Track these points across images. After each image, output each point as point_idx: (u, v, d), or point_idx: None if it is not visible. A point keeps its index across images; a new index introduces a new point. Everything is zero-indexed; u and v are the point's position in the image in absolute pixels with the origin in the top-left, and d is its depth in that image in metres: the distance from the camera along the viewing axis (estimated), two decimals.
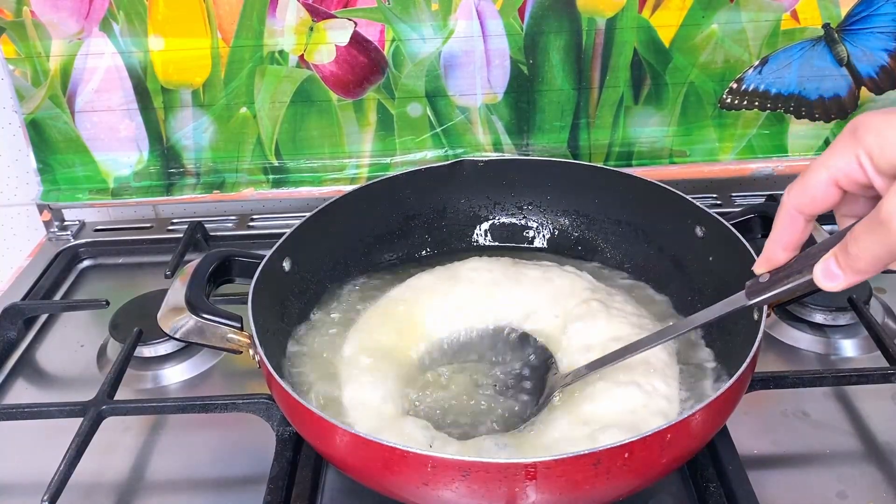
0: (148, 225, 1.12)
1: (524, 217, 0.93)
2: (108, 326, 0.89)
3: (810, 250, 0.55)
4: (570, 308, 0.79)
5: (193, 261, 0.74)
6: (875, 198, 0.49)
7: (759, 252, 0.59)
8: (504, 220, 0.93)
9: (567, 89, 1.02)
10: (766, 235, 0.77)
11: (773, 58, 1.00)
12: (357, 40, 0.99)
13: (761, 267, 0.58)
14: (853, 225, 0.50)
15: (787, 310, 0.87)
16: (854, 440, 0.74)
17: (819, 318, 0.86)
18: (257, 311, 0.70)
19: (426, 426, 0.68)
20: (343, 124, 1.04)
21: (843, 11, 0.98)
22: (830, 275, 0.51)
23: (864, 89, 1.02)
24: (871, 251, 0.47)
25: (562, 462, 0.54)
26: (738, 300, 0.60)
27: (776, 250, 0.57)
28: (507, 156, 1.05)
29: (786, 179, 1.14)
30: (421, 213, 0.92)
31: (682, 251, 0.83)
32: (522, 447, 0.66)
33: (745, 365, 0.61)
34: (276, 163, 1.07)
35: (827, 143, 1.06)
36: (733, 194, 1.11)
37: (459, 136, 1.05)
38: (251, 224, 1.11)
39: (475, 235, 0.93)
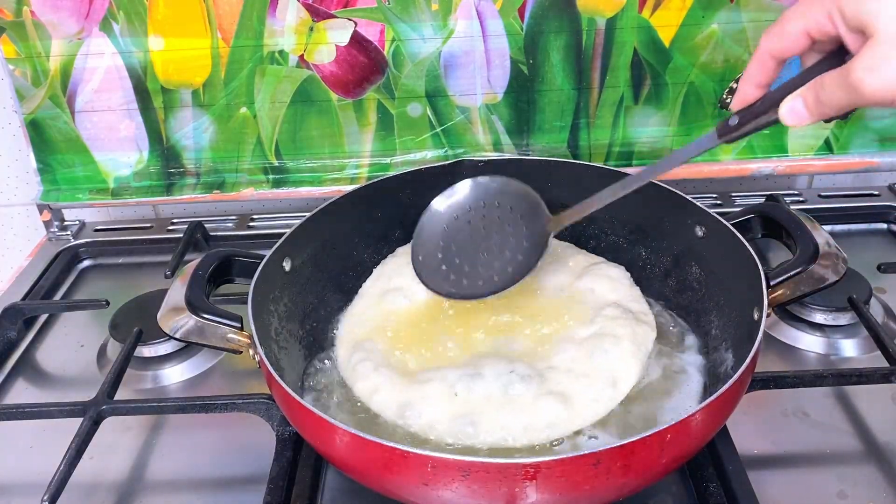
0: (148, 225, 1.12)
1: None
2: (108, 326, 0.89)
3: (772, 94, 0.60)
4: None
5: (193, 261, 0.75)
6: (839, 47, 0.56)
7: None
8: None
9: (567, 89, 1.02)
10: (766, 235, 0.78)
11: None
12: (357, 40, 0.99)
13: (737, 104, 0.63)
14: (816, 66, 0.58)
15: (787, 310, 0.87)
16: (854, 440, 0.74)
17: (819, 318, 0.86)
18: (257, 311, 0.70)
19: (443, 378, 0.70)
20: (343, 124, 1.04)
21: None
22: (796, 114, 0.58)
23: None
24: (838, 101, 0.54)
25: (562, 462, 0.54)
26: (709, 140, 0.65)
27: (749, 88, 0.62)
28: (507, 156, 1.05)
29: (786, 179, 1.15)
30: (421, 213, 0.91)
31: (683, 251, 0.83)
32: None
33: (744, 365, 0.61)
34: (276, 163, 1.07)
35: (827, 142, 1.06)
36: (733, 194, 1.11)
37: (459, 136, 1.05)
38: (251, 224, 1.11)
39: None
